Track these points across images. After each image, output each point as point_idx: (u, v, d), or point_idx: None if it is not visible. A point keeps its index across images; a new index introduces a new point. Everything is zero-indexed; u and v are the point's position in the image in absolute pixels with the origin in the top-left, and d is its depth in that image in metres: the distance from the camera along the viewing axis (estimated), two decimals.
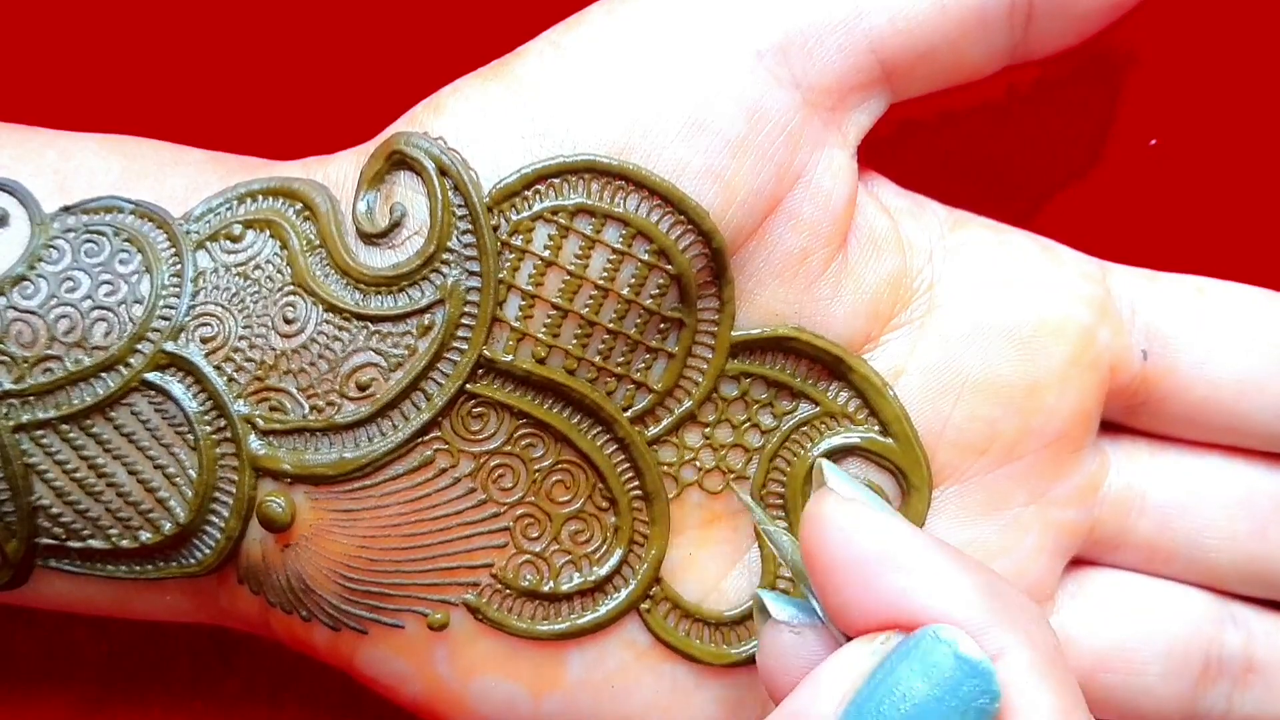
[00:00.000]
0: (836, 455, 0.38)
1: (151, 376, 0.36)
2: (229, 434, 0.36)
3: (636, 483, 0.38)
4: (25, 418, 0.36)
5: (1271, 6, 0.43)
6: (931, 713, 0.29)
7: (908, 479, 0.38)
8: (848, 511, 0.31)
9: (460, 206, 0.36)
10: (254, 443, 0.36)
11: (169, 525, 0.36)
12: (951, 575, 0.31)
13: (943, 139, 0.43)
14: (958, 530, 0.38)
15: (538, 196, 0.36)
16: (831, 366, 0.38)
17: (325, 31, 0.43)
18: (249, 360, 0.36)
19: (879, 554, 0.31)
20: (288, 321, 0.36)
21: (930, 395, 0.38)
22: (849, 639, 0.31)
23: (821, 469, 0.33)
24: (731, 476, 0.38)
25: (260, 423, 0.36)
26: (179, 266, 0.36)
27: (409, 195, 0.36)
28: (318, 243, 0.37)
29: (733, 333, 0.37)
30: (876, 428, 0.38)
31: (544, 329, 0.36)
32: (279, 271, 0.37)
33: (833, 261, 0.37)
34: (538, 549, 0.37)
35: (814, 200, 0.37)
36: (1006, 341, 0.38)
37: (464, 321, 0.36)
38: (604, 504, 0.38)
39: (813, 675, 0.31)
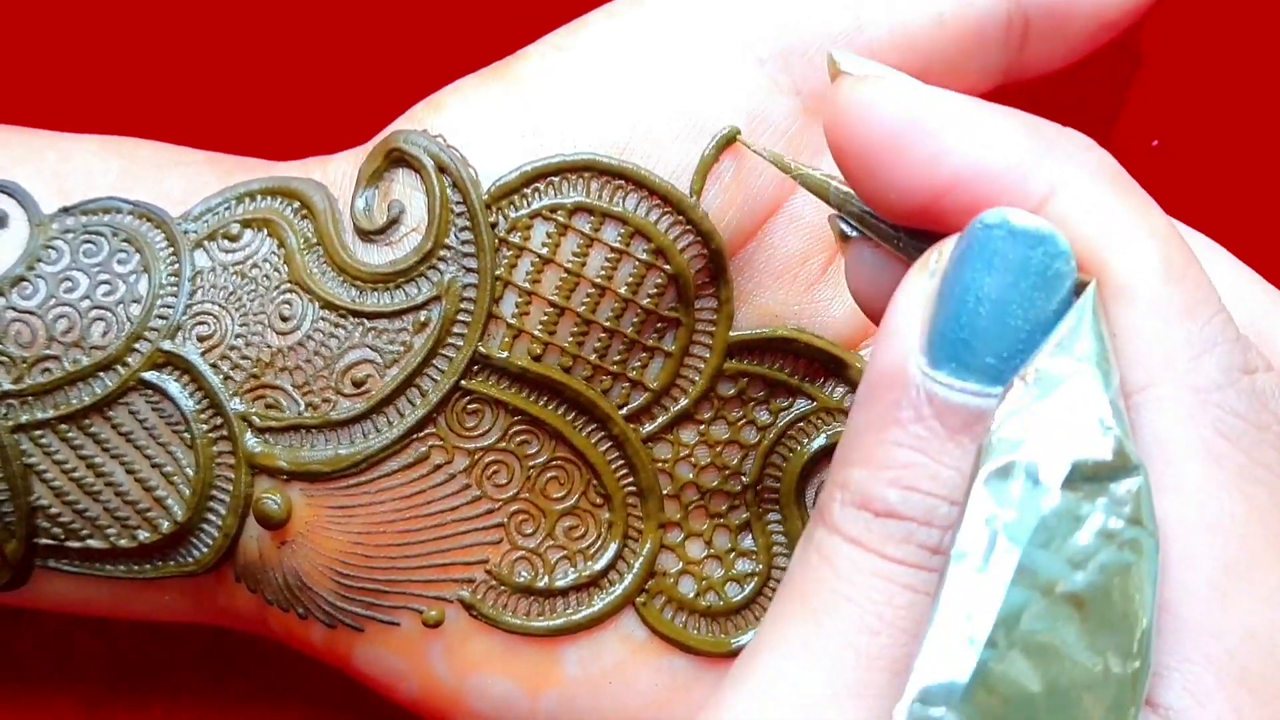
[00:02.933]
0: (832, 451, 0.38)
1: (149, 375, 0.36)
2: (225, 432, 0.36)
3: (631, 479, 0.38)
4: (24, 418, 0.36)
5: (1271, 6, 0.43)
6: (1011, 302, 0.27)
7: None
8: (865, 87, 0.29)
9: (458, 204, 0.36)
10: (250, 440, 0.36)
11: (167, 524, 0.36)
12: (982, 122, 0.29)
13: None
14: None
15: (536, 194, 0.36)
16: (830, 366, 0.38)
17: (325, 33, 0.44)
18: (245, 358, 0.36)
19: (903, 121, 0.28)
20: (284, 319, 0.36)
21: None
22: (907, 234, 0.30)
23: (833, 57, 0.30)
24: (727, 472, 0.38)
25: (256, 420, 0.36)
26: (177, 266, 0.37)
27: (407, 192, 0.37)
28: (315, 241, 0.37)
29: (731, 333, 0.37)
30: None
31: (540, 326, 0.36)
32: (276, 270, 0.37)
33: (832, 264, 0.37)
34: (532, 545, 0.37)
35: (816, 204, 0.37)
36: None
37: (460, 318, 0.36)
38: (598, 500, 0.38)
39: (882, 327, 0.29)
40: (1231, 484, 0.27)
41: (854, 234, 0.31)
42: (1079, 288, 0.28)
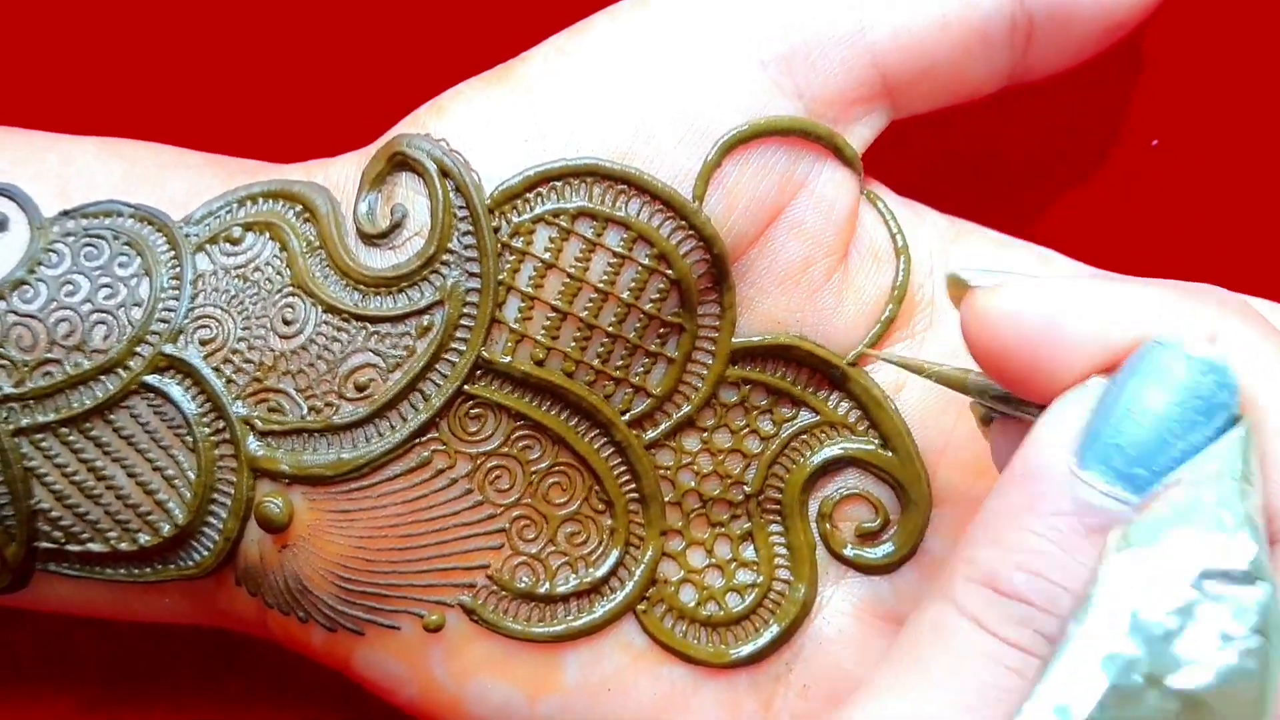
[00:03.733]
0: (835, 466, 0.38)
1: (150, 379, 0.36)
2: (227, 435, 0.36)
3: (633, 485, 0.38)
4: (25, 421, 0.36)
5: (1272, 6, 0.43)
6: (1173, 419, 0.29)
7: (907, 494, 0.38)
8: (1004, 297, 0.31)
9: (461, 208, 0.36)
10: (252, 444, 0.36)
11: (168, 527, 0.36)
12: (1129, 294, 0.30)
13: (942, 140, 0.43)
14: None
15: (539, 199, 0.36)
16: (832, 376, 0.38)
17: (328, 35, 0.43)
18: (248, 361, 0.36)
19: (1052, 316, 0.30)
20: (286, 323, 0.36)
21: (932, 411, 0.38)
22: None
23: (958, 277, 0.32)
24: (729, 481, 0.38)
25: (259, 424, 0.36)
26: (178, 269, 0.37)
27: (410, 196, 0.37)
28: (317, 244, 0.37)
29: (733, 339, 0.37)
30: (876, 440, 0.38)
31: (543, 331, 0.36)
32: (278, 273, 0.37)
33: (835, 271, 0.37)
34: (534, 550, 0.37)
35: (817, 209, 0.37)
36: None
37: (463, 323, 0.36)
38: (600, 506, 0.38)
39: (1037, 426, 0.30)
40: None
41: (997, 416, 0.33)
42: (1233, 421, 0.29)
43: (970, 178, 0.44)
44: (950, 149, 0.43)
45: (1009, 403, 0.32)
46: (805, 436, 0.38)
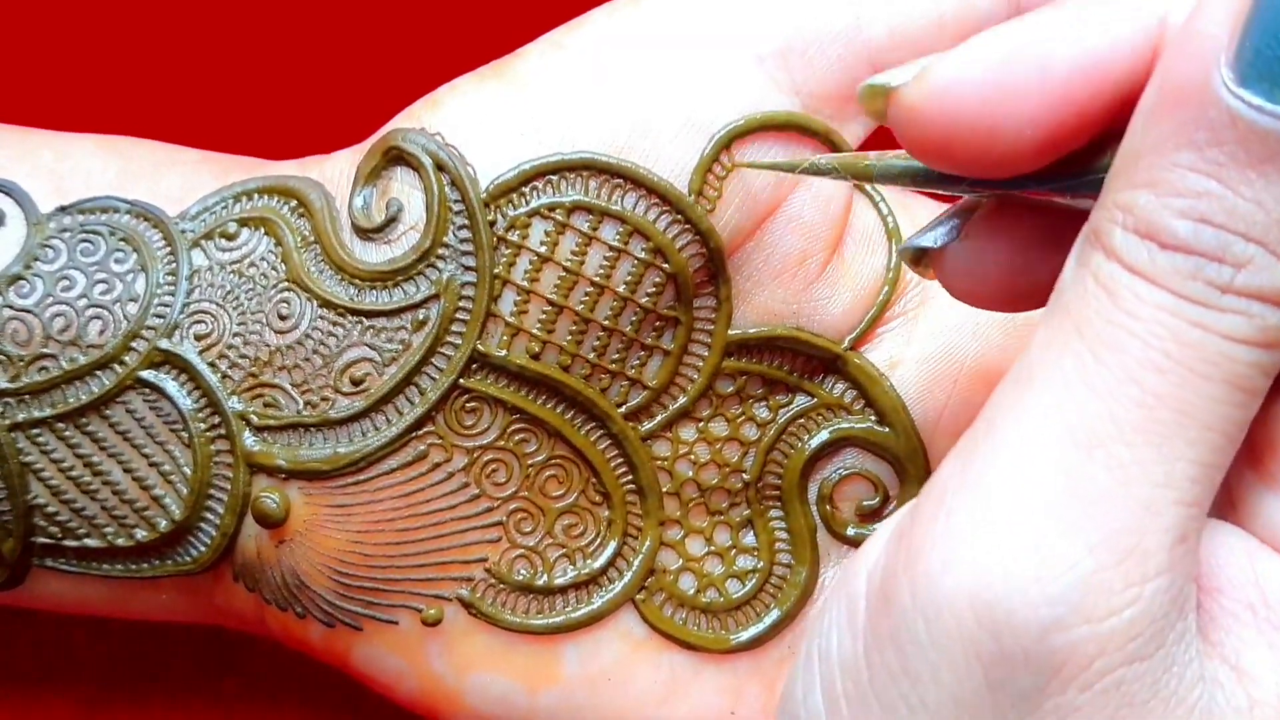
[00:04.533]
0: (833, 446, 0.38)
1: (146, 374, 0.36)
2: (223, 430, 0.36)
3: (630, 477, 0.38)
4: (21, 416, 0.36)
5: None
6: None
7: (905, 469, 0.38)
8: (936, 74, 0.27)
9: (457, 202, 0.36)
10: (248, 439, 0.36)
11: (164, 523, 0.36)
12: (1088, 9, 0.27)
13: None
14: None
15: (535, 193, 0.36)
16: (827, 362, 0.38)
17: (322, 31, 0.44)
18: (243, 357, 0.36)
19: (1005, 67, 0.27)
20: (282, 318, 0.36)
21: (926, 385, 0.38)
22: (1000, 185, 0.28)
23: (870, 82, 0.29)
24: (727, 470, 0.38)
25: (254, 419, 0.36)
26: (174, 265, 0.37)
27: (406, 191, 0.37)
28: (312, 239, 0.37)
29: (730, 331, 0.37)
30: (873, 418, 0.38)
31: (539, 325, 0.36)
32: (273, 268, 0.37)
33: (830, 263, 0.37)
34: (531, 543, 0.37)
35: (814, 204, 0.37)
36: (1000, 329, 0.38)
37: (458, 316, 0.36)
38: (598, 498, 0.38)
39: (1182, 30, 0.26)
40: None
41: (928, 236, 0.30)
42: None
43: None
44: None
45: (940, 181, 0.29)
46: (802, 420, 0.38)
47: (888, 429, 0.38)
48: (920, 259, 0.31)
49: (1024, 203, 0.30)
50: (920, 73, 0.28)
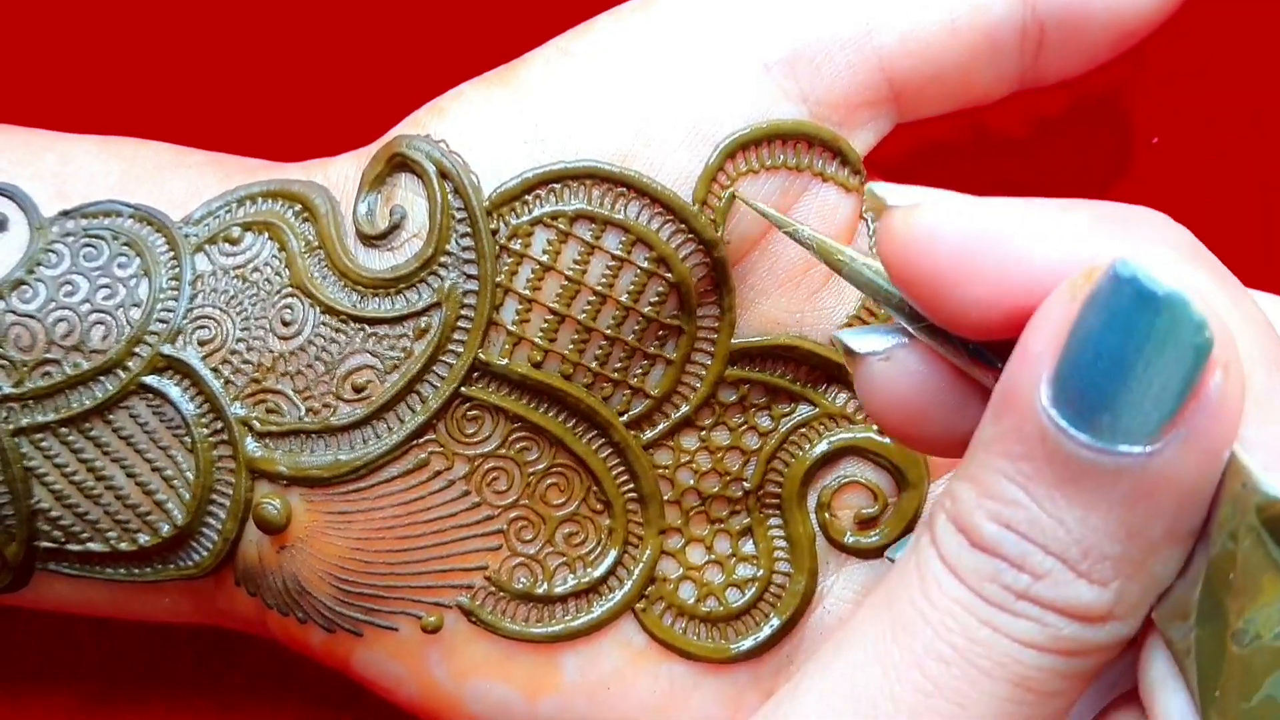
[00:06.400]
0: (834, 455, 0.38)
1: (149, 379, 0.36)
2: (226, 436, 0.36)
3: (631, 486, 0.38)
4: (24, 421, 0.36)
5: (1272, 6, 0.43)
6: (1148, 360, 0.25)
7: (905, 476, 0.38)
8: (923, 215, 0.28)
9: (460, 210, 0.36)
10: (250, 445, 0.36)
11: (167, 528, 0.36)
12: (1053, 219, 0.28)
13: (941, 137, 0.43)
14: None
15: (538, 201, 0.36)
16: (831, 372, 0.38)
17: (328, 35, 0.43)
18: (246, 362, 0.36)
19: (975, 239, 0.27)
20: (285, 324, 0.36)
21: None
22: (949, 339, 0.29)
23: (873, 192, 0.29)
24: (728, 478, 0.38)
25: (257, 425, 0.36)
26: (177, 270, 0.37)
27: (409, 198, 0.37)
28: (316, 244, 0.37)
29: (733, 340, 0.37)
30: (874, 428, 0.38)
31: (540, 333, 0.36)
32: (277, 274, 0.37)
33: (834, 274, 0.37)
34: (532, 551, 0.37)
35: (820, 213, 0.37)
36: None
37: (460, 325, 0.36)
38: (599, 507, 0.38)
39: (1023, 337, 0.27)
40: None
41: (870, 349, 0.30)
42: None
43: (969, 174, 0.44)
44: (949, 147, 0.43)
45: (890, 332, 0.30)
46: (804, 430, 0.38)
47: (888, 438, 0.38)
48: (849, 354, 0.31)
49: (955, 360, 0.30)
50: (912, 207, 0.28)
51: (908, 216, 0.28)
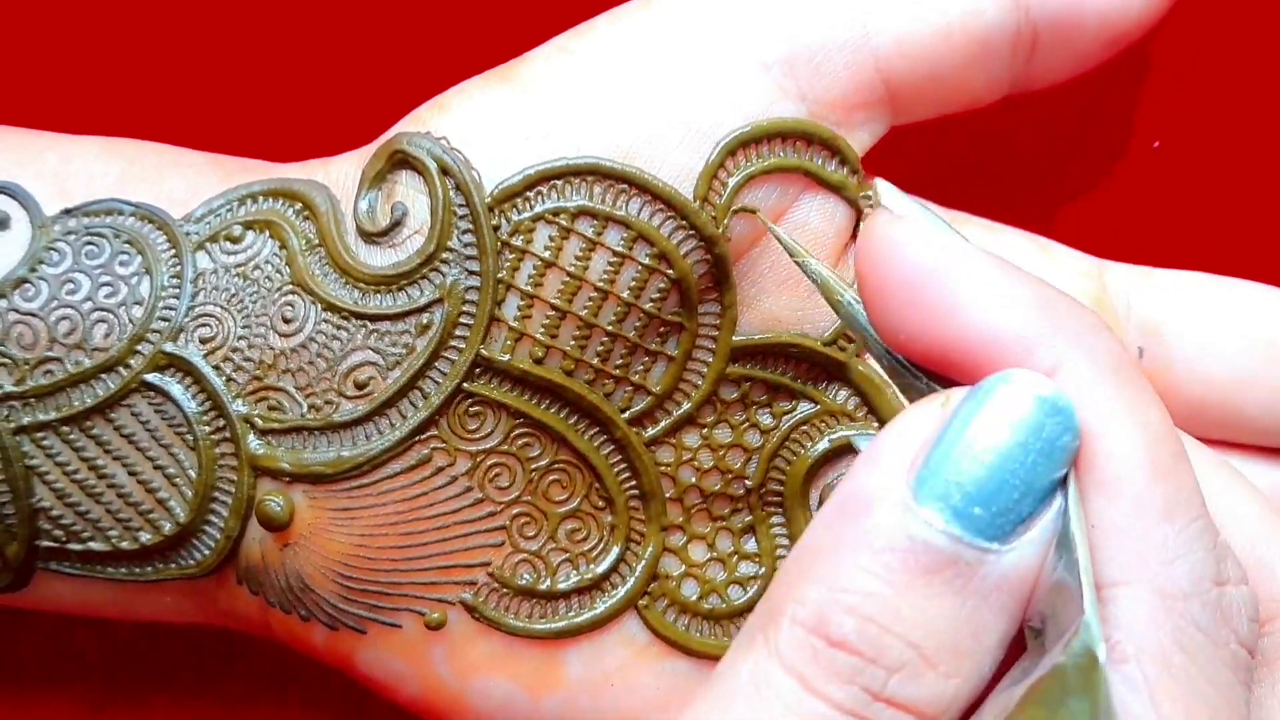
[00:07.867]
0: (836, 453, 0.38)
1: (151, 377, 0.36)
2: (228, 434, 0.36)
3: (634, 482, 0.38)
4: (26, 420, 0.36)
5: (1272, 7, 0.43)
6: (1015, 461, 0.28)
7: None
8: (900, 227, 0.30)
9: (461, 206, 0.36)
10: (253, 442, 0.36)
11: (169, 526, 0.36)
12: (999, 285, 0.29)
13: (942, 139, 0.43)
14: None
15: (540, 198, 0.36)
16: (831, 368, 0.38)
17: (328, 33, 0.44)
18: (248, 360, 0.36)
19: (929, 268, 0.29)
20: (286, 321, 0.37)
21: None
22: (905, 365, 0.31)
23: (877, 188, 0.31)
24: (730, 476, 0.38)
25: (259, 422, 0.36)
26: (179, 268, 0.37)
27: (411, 195, 0.37)
28: (317, 242, 0.37)
29: (734, 337, 0.37)
30: (876, 425, 0.38)
31: (542, 329, 0.36)
32: (278, 271, 0.37)
33: (836, 269, 0.37)
34: (534, 548, 0.37)
35: (820, 211, 0.37)
36: None
37: (462, 321, 0.36)
38: (601, 503, 0.38)
39: (868, 451, 0.29)
40: (1179, 696, 0.27)
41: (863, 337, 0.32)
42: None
43: (970, 177, 0.44)
44: (950, 150, 0.43)
45: (878, 353, 0.31)
46: (805, 427, 0.38)
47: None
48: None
49: None
50: (897, 217, 0.30)
51: (889, 223, 0.30)
